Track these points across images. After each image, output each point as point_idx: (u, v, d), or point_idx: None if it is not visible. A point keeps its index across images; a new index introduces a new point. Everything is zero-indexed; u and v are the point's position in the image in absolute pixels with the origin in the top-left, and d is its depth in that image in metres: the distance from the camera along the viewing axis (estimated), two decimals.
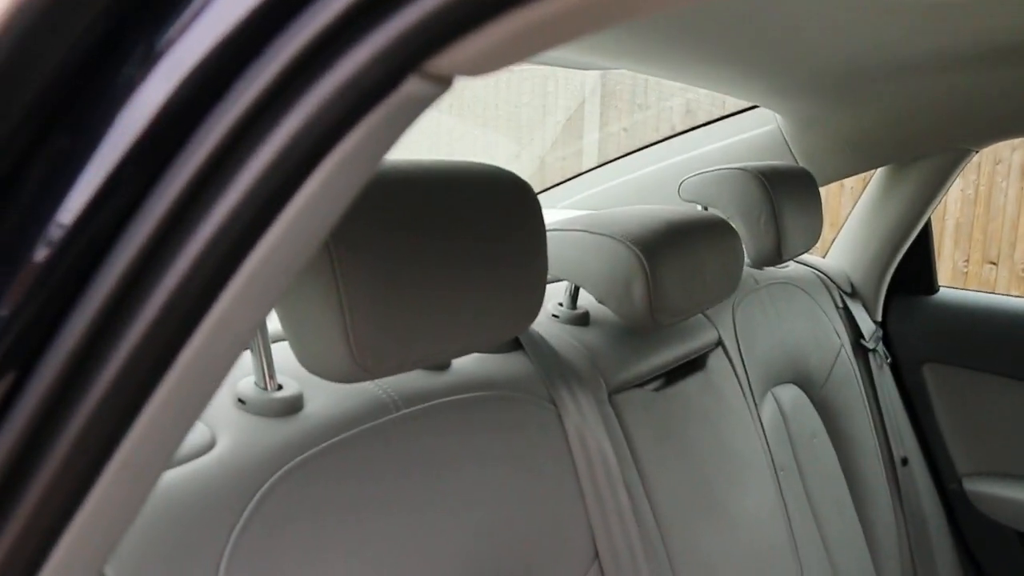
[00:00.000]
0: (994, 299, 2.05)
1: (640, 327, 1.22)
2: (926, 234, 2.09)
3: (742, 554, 1.34)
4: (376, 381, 0.95)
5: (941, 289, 2.10)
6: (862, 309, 2.04)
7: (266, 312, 0.45)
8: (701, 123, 2.01)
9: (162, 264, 0.40)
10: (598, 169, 2.08)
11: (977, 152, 1.93)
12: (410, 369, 0.85)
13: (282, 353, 0.89)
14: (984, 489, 2.03)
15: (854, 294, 2.07)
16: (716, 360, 1.47)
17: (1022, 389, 1.98)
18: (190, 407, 0.45)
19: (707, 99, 4.98)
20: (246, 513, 0.73)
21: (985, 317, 2.01)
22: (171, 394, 0.43)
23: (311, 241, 0.43)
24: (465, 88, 6.16)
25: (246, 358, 0.90)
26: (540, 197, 0.97)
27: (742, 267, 1.40)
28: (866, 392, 1.97)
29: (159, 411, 0.43)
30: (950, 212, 4.96)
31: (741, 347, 1.56)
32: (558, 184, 2.13)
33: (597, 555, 1.09)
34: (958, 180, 4.96)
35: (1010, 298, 2.04)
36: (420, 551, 0.87)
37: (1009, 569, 2.03)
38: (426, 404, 0.95)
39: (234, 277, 0.41)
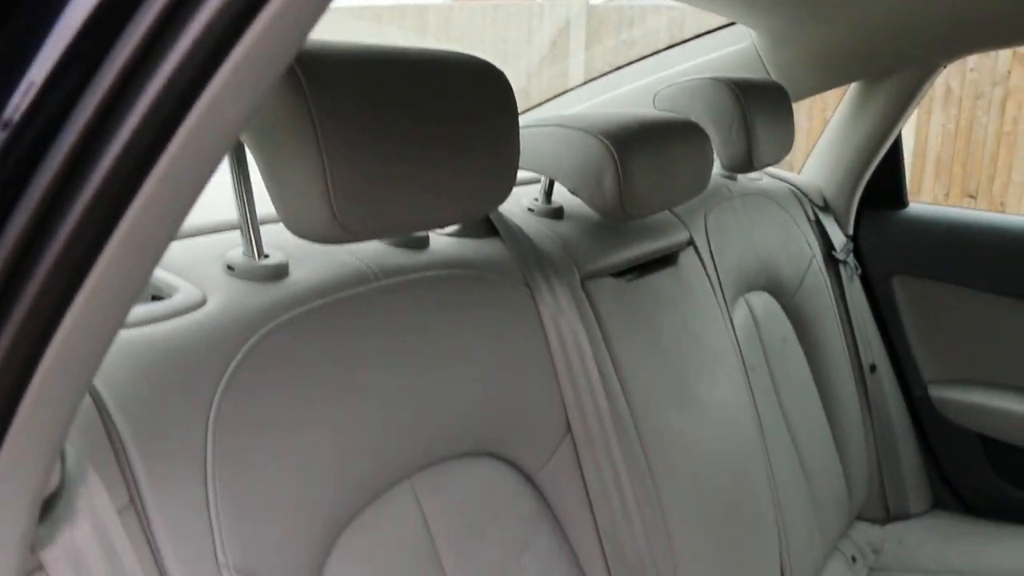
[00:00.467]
0: (962, 213, 2.12)
1: (611, 218, 1.27)
2: (896, 149, 2.15)
3: (711, 441, 1.42)
4: (357, 255, 1.01)
5: (911, 204, 2.16)
6: (834, 223, 2.11)
7: (232, 135, 0.50)
8: (678, 41, 2.05)
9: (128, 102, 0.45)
10: (579, 88, 2.12)
11: (945, 67, 1.98)
12: (389, 235, 0.91)
13: (268, 238, 0.95)
14: (949, 395, 2.11)
15: (826, 208, 2.13)
16: (687, 259, 1.53)
17: (988, 300, 2.05)
18: (169, 217, 0.50)
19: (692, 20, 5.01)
20: (238, 357, 0.80)
21: (953, 230, 2.08)
22: (149, 205, 0.48)
23: (281, 57, 0.48)
24: (452, 26, 6.16)
25: (236, 235, 0.96)
26: (523, 117, 1.02)
27: (711, 167, 1.45)
28: (836, 302, 2.04)
29: (138, 219, 0.48)
30: (931, 146, 5.02)
31: (713, 250, 1.62)
32: (541, 104, 2.17)
33: (570, 429, 1.16)
34: (938, 115, 5.01)
35: (978, 212, 2.11)
36: (400, 407, 0.93)
37: (970, 470, 2.12)
38: (405, 277, 1.01)
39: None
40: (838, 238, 2.08)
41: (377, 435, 0.90)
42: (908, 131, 5.03)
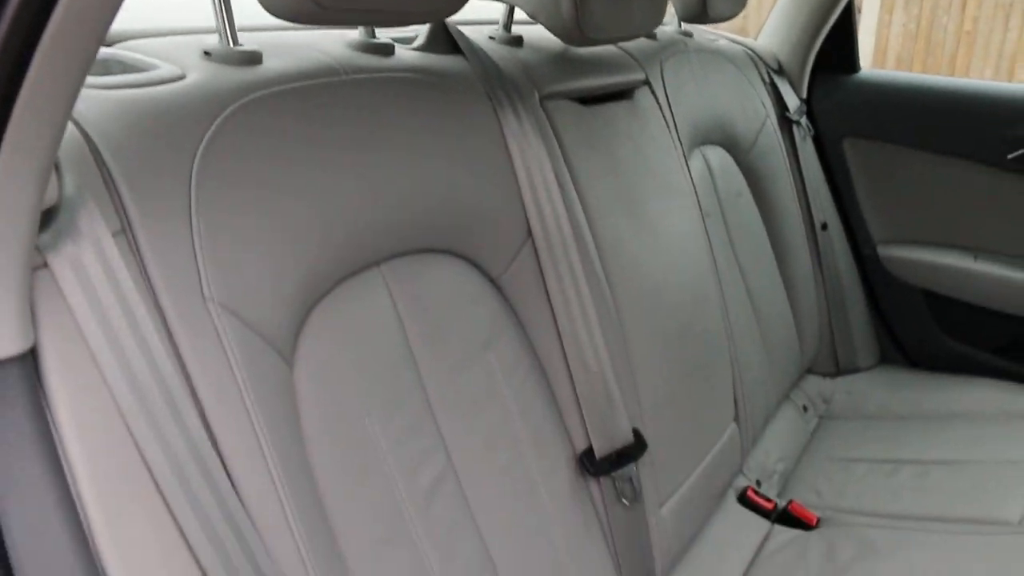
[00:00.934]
0: (912, 77, 2.18)
1: (569, 39, 1.32)
2: (849, 14, 2.20)
3: (667, 264, 1.49)
4: (327, 53, 1.06)
5: (862, 68, 2.23)
6: (788, 85, 2.17)
7: None
8: None
9: None
10: None
11: None
12: (359, 20, 0.96)
13: (243, 38, 1.00)
14: (896, 254, 2.20)
15: (781, 71, 2.19)
16: (643, 96, 1.59)
17: (935, 161, 2.13)
18: None
19: None
20: (218, 121, 0.85)
21: (903, 94, 2.15)
22: None
23: None
24: None
25: (214, 37, 1.01)
26: None
27: (666, 4, 1.50)
28: (789, 162, 2.12)
29: None
30: (891, 47, 5.08)
31: (668, 95, 1.68)
32: None
33: (530, 235, 1.23)
34: (900, 15, 5.06)
35: (927, 76, 2.18)
36: (371, 190, 0.99)
37: (915, 324, 2.22)
38: (373, 75, 1.06)
39: None
40: (792, 100, 2.15)
41: (349, 213, 0.96)
42: (868, 31, 5.08)
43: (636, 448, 1.27)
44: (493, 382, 1.14)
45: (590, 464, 1.23)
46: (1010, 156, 2.01)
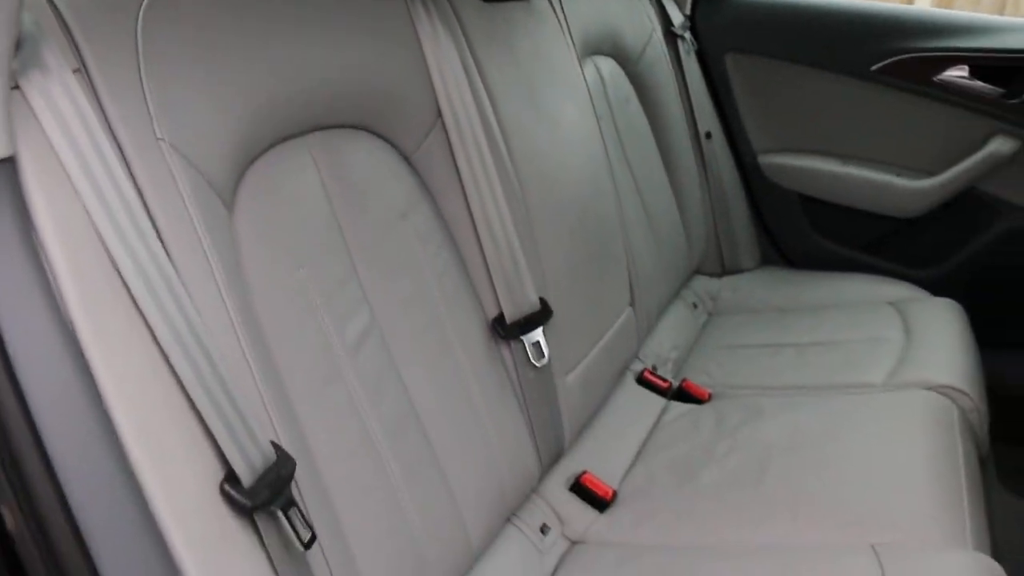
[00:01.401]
0: None
1: None
2: None
3: (565, 151, 1.60)
4: None
5: None
6: (672, 2, 2.30)
7: None
8: None
9: None
10: None
11: None
12: None
13: None
14: (774, 161, 2.37)
15: None
16: (539, 2, 1.68)
17: (809, 74, 2.29)
18: None
19: None
20: None
21: (779, 13, 2.30)
22: None
23: None
24: None
25: None
26: None
27: None
28: (675, 74, 2.25)
29: None
30: None
31: (563, 2, 1.78)
32: None
33: (440, 115, 1.31)
34: None
35: None
36: (294, 64, 1.07)
37: (792, 226, 2.40)
38: None
39: None
40: (676, 16, 2.28)
41: (276, 82, 1.03)
42: None
43: (542, 314, 1.38)
44: (411, 249, 1.23)
45: (501, 328, 1.33)
46: (873, 68, 2.18)
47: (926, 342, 1.83)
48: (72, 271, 0.73)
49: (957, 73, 2.12)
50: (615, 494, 1.47)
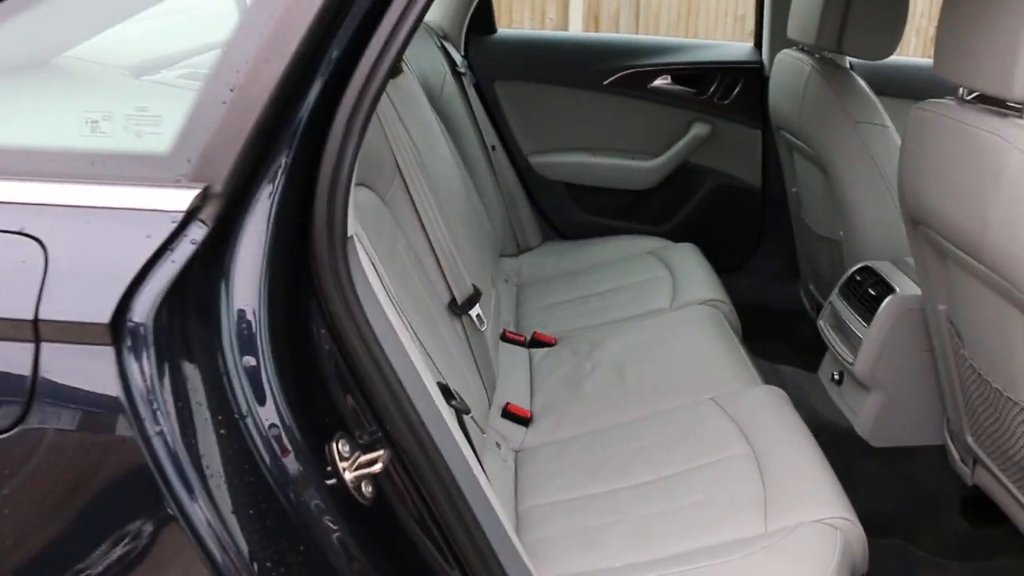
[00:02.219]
0: (534, 33, 3.06)
1: None
2: None
3: (451, 181, 2.18)
4: None
5: (499, 29, 3.05)
6: (452, 47, 2.92)
7: None
8: None
9: None
10: None
11: None
12: None
13: None
14: (542, 160, 3.08)
15: (446, 36, 2.92)
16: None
17: (558, 91, 3.03)
18: None
19: None
20: None
21: (533, 45, 3.00)
22: None
23: None
24: None
25: None
26: None
27: None
28: (464, 103, 2.88)
29: None
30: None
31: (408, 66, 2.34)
32: None
33: (398, 168, 1.84)
34: None
35: (544, 31, 3.06)
36: None
37: (559, 205, 3.13)
38: None
39: None
40: (457, 57, 2.90)
41: None
42: None
43: (476, 294, 1.96)
44: (403, 261, 1.75)
45: (456, 307, 1.90)
46: (605, 82, 2.95)
47: (685, 274, 2.60)
48: None
49: (663, 81, 2.94)
50: (532, 413, 2.08)
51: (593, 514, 1.65)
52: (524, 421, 2.05)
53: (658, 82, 2.95)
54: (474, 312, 1.95)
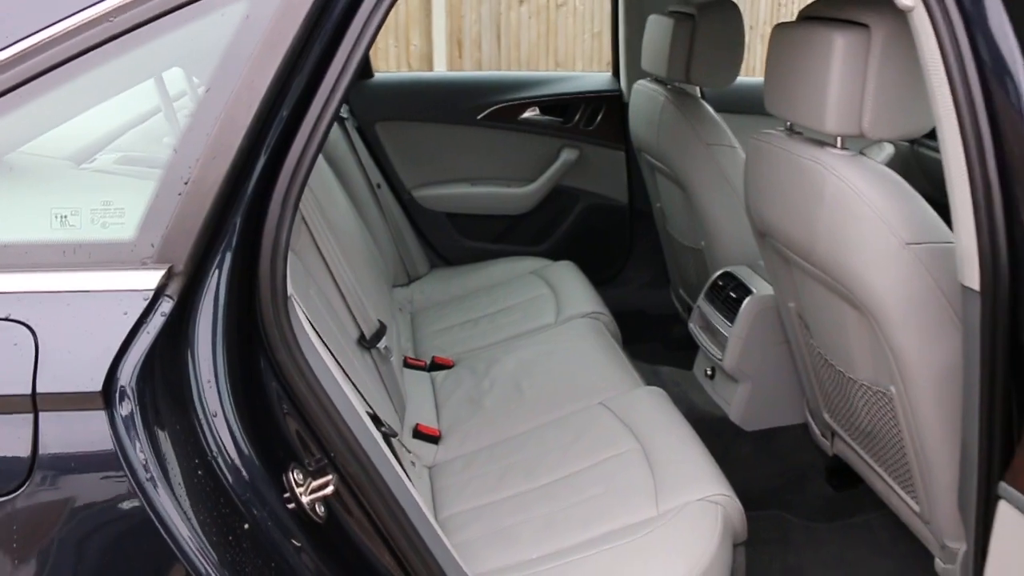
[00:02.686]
0: (406, 75, 3.25)
1: None
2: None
3: (349, 224, 2.35)
4: None
5: (376, 73, 3.23)
6: None
7: None
8: None
9: None
10: None
11: None
12: None
13: None
14: (425, 192, 3.27)
15: None
16: None
17: (434, 128, 3.23)
18: None
19: None
20: None
21: (409, 87, 3.19)
22: None
23: None
24: None
25: None
26: None
27: None
28: (349, 146, 3.04)
29: None
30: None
31: None
32: None
33: (304, 219, 2.00)
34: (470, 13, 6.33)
35: (418, 73, 3.25)
36: None
37: (443, 234, 3.33)
38: None
39: None
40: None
41: None
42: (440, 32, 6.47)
43: (381, 329, 2.14)
44: (320, 311, 1.90)
45: (366, 341, 2.07)
46: (479, 117, 3.17)
47: (566, 290, 2.83)
48: None
49: (532, 113, 3.18)
50: (440, 431, 2.27)
51: (505, 515, 1.84)
52: (434, 439, 2.23)
53: (527, 114, 3.19)
54: (381, 344, 2.12)
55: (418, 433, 2.23)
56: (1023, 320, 1.26)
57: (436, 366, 2.61)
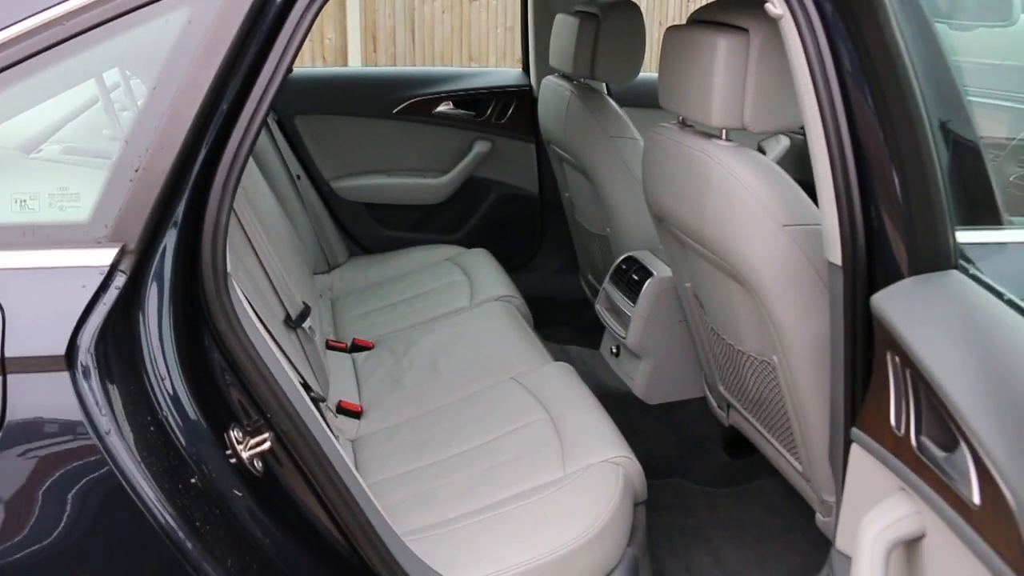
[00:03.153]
0: (324, 70, 3.35)
1: None
2: None
3: (273, 214, 2.46)
4: None
5: (295, 69, 3.32)
6: None
7: None
8: None
9: None
10: None
11: None
12: None
13: None
14: (344, 184, 3.39)
15: None
16: None
17: (353, 121, 3.35)
18: None
19: None
20: None
21: (327, 81, 3.30)
22: None
23: None
24: None
25: None
26: None
27: None
28: (269, 139, 3.14)
29: None
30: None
31: None
32: None
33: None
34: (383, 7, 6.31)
35: (336, 68, 3.35)
36: None
37: (361, 223, 3.45)
38: None
39: None
40: None
41: None
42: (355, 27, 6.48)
43: (306, 310, 2.26)
44: (248, 292, 2.02)
45: (291, 322, 2.19)
46: (395, 111, 3.30)
47: (480, 276, 2.99)
48: None
49: (446, 107, 3.33)
50: (362, 407, 2.40)
51: (425, 481, 1.99)
52: (356, 415, 2.36)
53: (441, 108, 3.34)
54: (306, 324, 2.25)
55: (341, 409, 2.36)
56: (869, 293, 1.45)
57: (357, 347, 2.74)
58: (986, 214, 1.56)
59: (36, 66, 1.18)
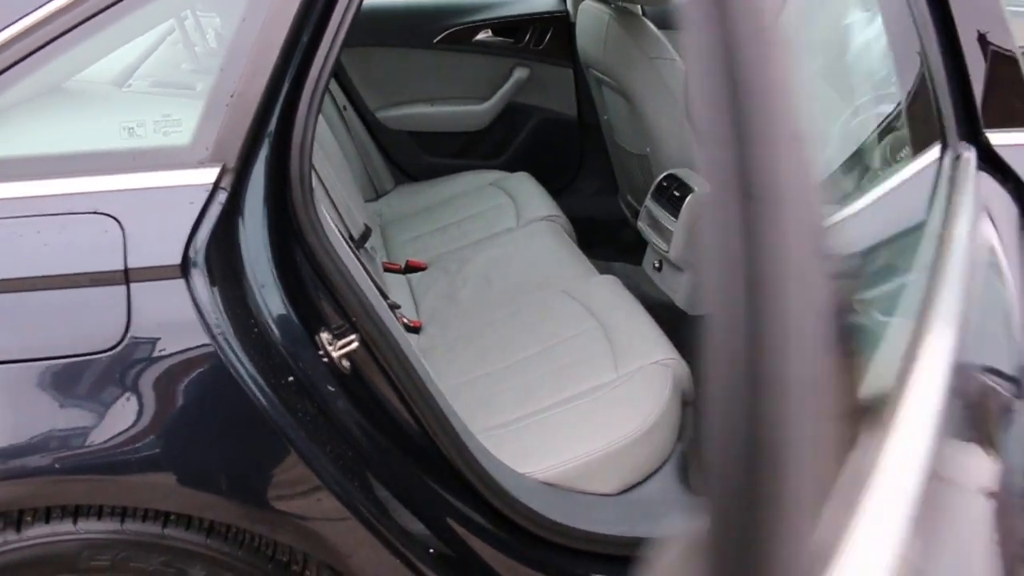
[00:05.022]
0: (367, 4, 3.40)
1: None
2: None
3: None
4: None
5: None
6: None
7: None
8: None
9: None
10: None
11: None
12: None
13: None
14: (388, 113, 3.49)
15: None
16: None
17: (397, 52, 3.44)
18: None
19: None
20: None
21: (369, 13, 3.36)
22: None
23: None
24: None
25: None
26: None
27: None
28: None
29: None
30: None
31: None
32: None
33: None
34: None
35: (376, 1, 3.40)
36: None
37: (405, 151, 3.56)
38: None
39: None
40: None
41: None
42: None
43: (367, 231, 2.39)
44: None
45: (354, 242, 2.32)
46: (435, 40, 3.38)
47: (524, 198, 3.10)
48: None
49: (485, 35, 3.40)
50: (421, 323, 2.54)
51: (486, 387, 2.13)
52: (415, 330, 2.51)
53: (480, 36, 3.41)
54: (368, 245, 2.38)
55: (404, 327, 2.50)
56: None
57: (411, 269, 2.87)
58: None
59: (126, 8, 1.29)
